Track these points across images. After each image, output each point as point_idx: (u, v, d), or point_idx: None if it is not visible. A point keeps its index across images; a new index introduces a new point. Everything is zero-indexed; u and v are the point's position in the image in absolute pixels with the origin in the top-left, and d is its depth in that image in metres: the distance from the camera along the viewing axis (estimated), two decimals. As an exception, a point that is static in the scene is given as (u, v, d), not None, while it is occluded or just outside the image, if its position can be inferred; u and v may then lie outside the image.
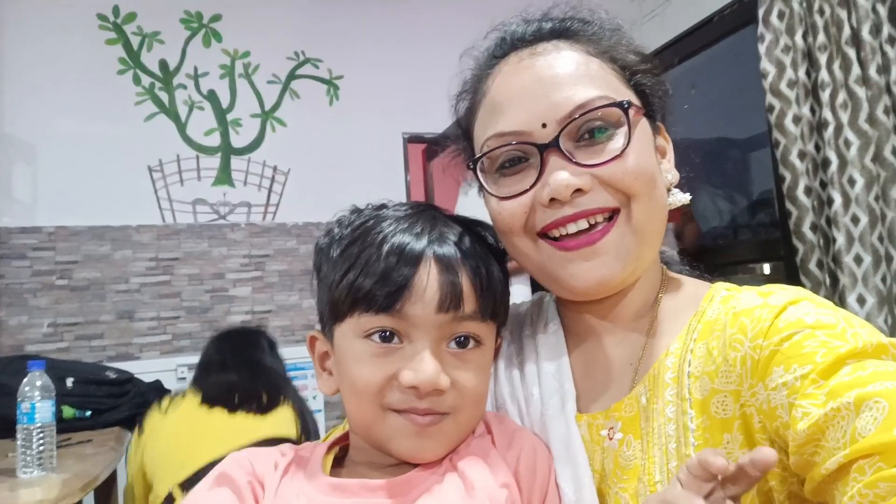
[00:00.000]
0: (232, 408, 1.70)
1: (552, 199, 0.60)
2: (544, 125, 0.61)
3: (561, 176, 0.60)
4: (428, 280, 0.59)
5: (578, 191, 0.60)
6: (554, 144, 0.60)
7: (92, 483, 1.58)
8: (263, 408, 1.74)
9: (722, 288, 0.66)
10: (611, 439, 0.62)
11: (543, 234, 0.63)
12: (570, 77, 0.62)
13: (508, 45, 0.68)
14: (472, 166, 0.67)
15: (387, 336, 0.60)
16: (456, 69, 0.73)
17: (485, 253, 0.65)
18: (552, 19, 0.68)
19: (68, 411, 2.07)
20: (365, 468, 0.64)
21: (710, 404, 0.57)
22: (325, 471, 0.63)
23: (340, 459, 0.68)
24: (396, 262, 0.59)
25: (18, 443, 1.49)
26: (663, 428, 0.59)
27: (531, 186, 0.62)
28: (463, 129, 0.73)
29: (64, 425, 1.95)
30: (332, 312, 0.63)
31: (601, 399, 0.66)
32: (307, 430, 1.81)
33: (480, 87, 0.68)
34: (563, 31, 0.66)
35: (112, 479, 2.04)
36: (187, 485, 1.59)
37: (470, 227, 0.67)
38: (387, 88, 3.74)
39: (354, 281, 0.60)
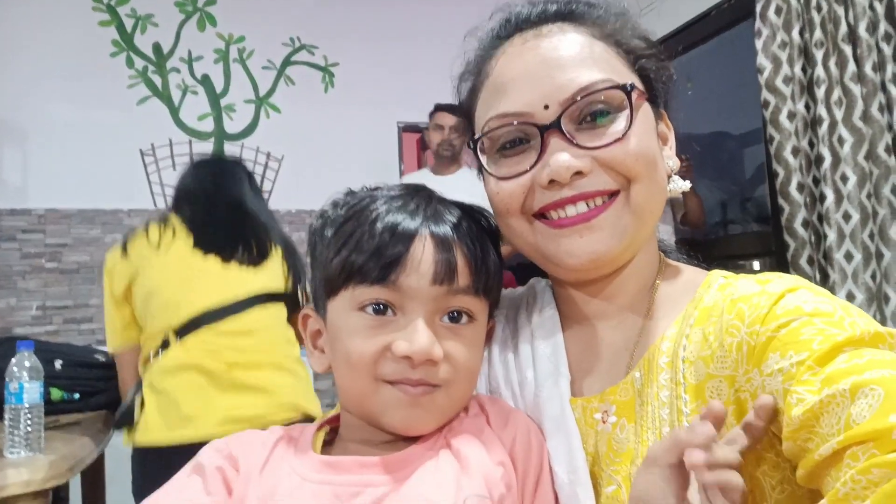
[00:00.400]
0: (226, 257, 1.72)
1: (551, 181, 0.60)
2: (546, 106, 0.61)
3: (561, 157, 0.59)
4: (423, 253, 0.59)
5: (578, 173, 0.60)
6: (555, 126, 0.60)
7: (79, 464, 1.57)
8: (255, 260, 1.77)
9: (719, 275, 0.66)
10: (604, 423, 0.63)
11: (540, 216, 0.63)
12: (573, 59, 0.62)
13: (513, 27, 0.67)
14: (472, 146, 0.67)
15: (381, 308, 0.60)
16: (451, 60, 0.74)
17: (479, 232, 0.66)
18: (557, 1, 0.67)
19: (56, 393, 2.05)
20: (357, 445, 0.64)
21: (704, 389, 0.57)
22: (315, 449, 0.63)
23: (331, 442, 0.68)
24: (391, 238, 0.59)
25: (6, 423, 1.48)
26: (657, 412, 0.59)
27: (531, 167, 0.62)
28: (465, 110, 0.72)
29: (52, 407, 1.93)
30: (326, 288, 0.63)
31: (596, 383, 0.66)
32: (297, 274, 1.85)
33: (483, 68, 0.68)
34: (567, 14, 0.66)
35: (100, 462, 2.03)
36: (183, 331, 1.62)
37: (465, 209, 0.68)
38: (382, 77, 3.73)
39: (349, 257, 0.60)
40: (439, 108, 2.98)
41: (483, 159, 0.66)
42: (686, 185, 0.69)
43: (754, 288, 0.58)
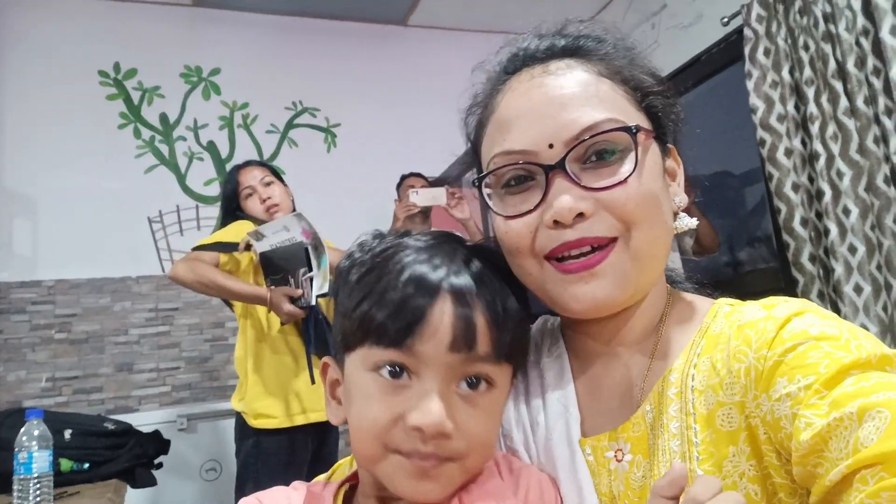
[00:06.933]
0: None
1: (555, 222, 0.60)
2: (551, 146, 0.61)
3: (564, 199, 0.59)
4: (442, 318, 0.57)
5: (581, 215, 0.59)
6: (560, 166, 0.60)
7: (89, 536, 1.55)
8: None
9: (725, 303, 0.66)
10: (619, 461, 0.61)
11: (548, 258, 0.63)
12: (578, 98, 0.61)
13: (520, 62, 0.67)
14: (476, 183, 0.67)
15: (396, 372, 0.58)
16: (451, 115, 0.73)
17: (503, 287, 0.63)
18: (565, 36, 0.67)
19: (66, 464, 2.03)
20: (374, 502, 0.63)
21: (715, 418, 0.56)
22: None
23: (351, 498, 0.67)
24: (412, 296, 0.57)
25: (14, 495, 1.46)
26: (668, 444, 0.58)
27: (535, 207, 0.62)
28: (472, 145, 0.72)
29: (61, 478, 1.91)
30: (344, 341, 0.62)
31: (607, 421, 0.65)
32: None
33: (490, 102, 0.68)
34: (575, 50, 0.66)
35: (110, 533, 1.99)
36: None
37: (491, 258, 0.65)
38: (384, 134, 3.80)
39: (368, 311, 0.58)
40: (407, 175, 3.11)
41: (488, 196, 0.66)
42: (693, 222, 0.69)
43: (760, 313, 0.58)
